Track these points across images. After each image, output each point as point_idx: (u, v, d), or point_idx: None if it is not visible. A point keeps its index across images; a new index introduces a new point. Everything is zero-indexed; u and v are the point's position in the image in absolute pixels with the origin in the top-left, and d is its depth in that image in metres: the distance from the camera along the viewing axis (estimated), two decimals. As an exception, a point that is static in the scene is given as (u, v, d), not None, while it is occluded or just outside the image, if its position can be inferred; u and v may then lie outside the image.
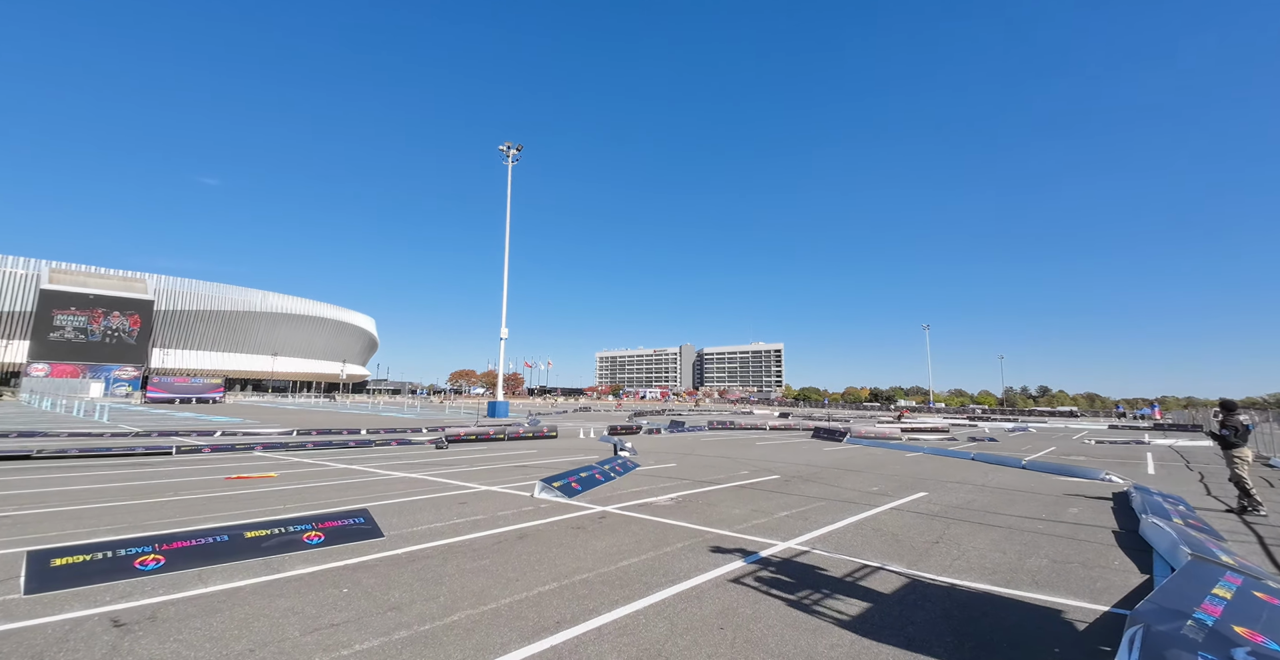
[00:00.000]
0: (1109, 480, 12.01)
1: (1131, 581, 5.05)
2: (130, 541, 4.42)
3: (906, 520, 7.32)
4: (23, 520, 6.12)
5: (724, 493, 9.10)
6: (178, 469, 10.65)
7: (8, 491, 7.90)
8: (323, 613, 3.66)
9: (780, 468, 12.71)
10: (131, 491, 8.11)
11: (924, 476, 11.86)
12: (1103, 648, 3.59)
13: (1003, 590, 4.65)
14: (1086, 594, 4.65)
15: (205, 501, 7.47)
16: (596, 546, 5.59)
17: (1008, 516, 7.80)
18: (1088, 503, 9.25)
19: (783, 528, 6.63)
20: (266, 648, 3.12)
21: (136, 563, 4.19)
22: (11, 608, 3.61)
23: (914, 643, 3.53)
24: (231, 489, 8.53)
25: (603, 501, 8.01)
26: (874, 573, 4.99)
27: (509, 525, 6.42)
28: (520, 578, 4.53)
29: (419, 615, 3.67)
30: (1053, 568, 5.38)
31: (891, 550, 5.77)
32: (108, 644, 3.10)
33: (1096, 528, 7.29)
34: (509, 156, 41.75)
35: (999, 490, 10.26)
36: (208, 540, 4.66)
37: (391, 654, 3.11)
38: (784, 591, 4.39)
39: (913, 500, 8.86)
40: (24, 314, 76.34)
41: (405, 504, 7.52)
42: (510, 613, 3.78)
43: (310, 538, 5.14)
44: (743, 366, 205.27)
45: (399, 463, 12.14)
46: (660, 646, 3.34)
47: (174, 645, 3.11)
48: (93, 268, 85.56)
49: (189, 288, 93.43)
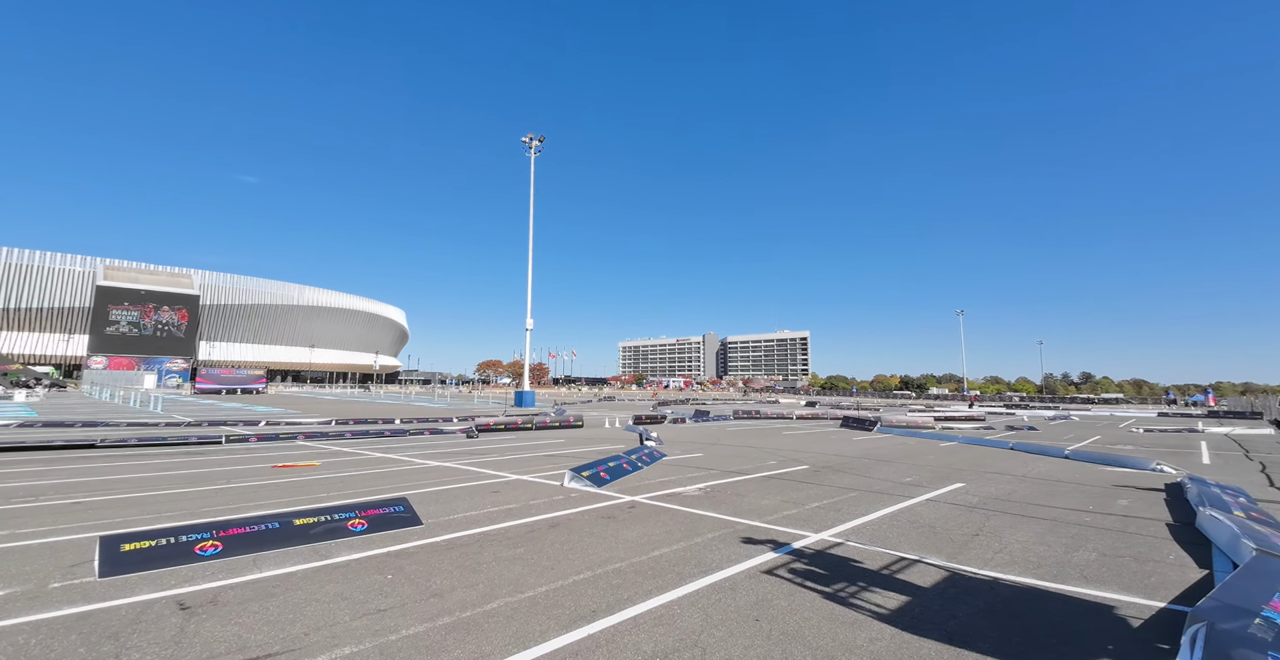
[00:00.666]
0: (1160, 470, 11.46)
1: (1189, 576, 4.82)
2: (191, 528, 4.68)
3: (943, 512, 7.15)
4: (92, 506, 6.55)
5: (752, 483, 9.06)
6: (228, 457, 11.21)
7: (78, 479, 8.46)
8: (370, 598, 3.81)
9: (809, 458, 12.57)
10: (187, 480, 8.58)
11: (960, 466, 11.55)
12: (1160, 646, 3.44)
13: (1049, 585, 4.50)
14: (1140, 589, 4.46)
15: (255, 489, 7.84)
16: (627, 536, 5.64)
17: (1052, 508, 7.53)
18: (1138, 494, 8.86)
19: (814, 519, 6.56)
20: (320, 631, 3.27)
21: (197, 548, 4.44)
22: (89, 590, 3.87)
23: (957, 637, 3.45)
24: (278, 477, 8.94)
25: (631, 491, 8.08)
26: (912, 566, 4.90)
27: (541, 514, 6.53)
28: (555, 566, 4.61)
29: (460, 602, 3.78)
30: (1102, 562, 5.17)
31: (929, 543, 5.65)
32: (176, 626, 3.30)
33: (1148, 520, 6.97)
34: (531, 148, 41.84)
35: (1041, 481, 9.92)
36: (261, 527, 4.89)
37: (437, 639, 3.21)
38: (819, 584, 4.35)
39: (949, 491, 8.65)
40: (83, 309, 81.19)
41: (441, 492, 7.73)
42: (547, 601, 3.85)
43: (354, 525, 5.34)
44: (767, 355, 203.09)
45: (432, 452, 12.49)
46: (696, 637, 3.35)
47: (235, 628, 3.29)
48: (143, 264, 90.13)
49: (231, 283, 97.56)
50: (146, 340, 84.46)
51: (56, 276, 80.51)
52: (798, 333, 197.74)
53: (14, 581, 4.02)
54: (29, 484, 7.97)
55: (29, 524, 5.68)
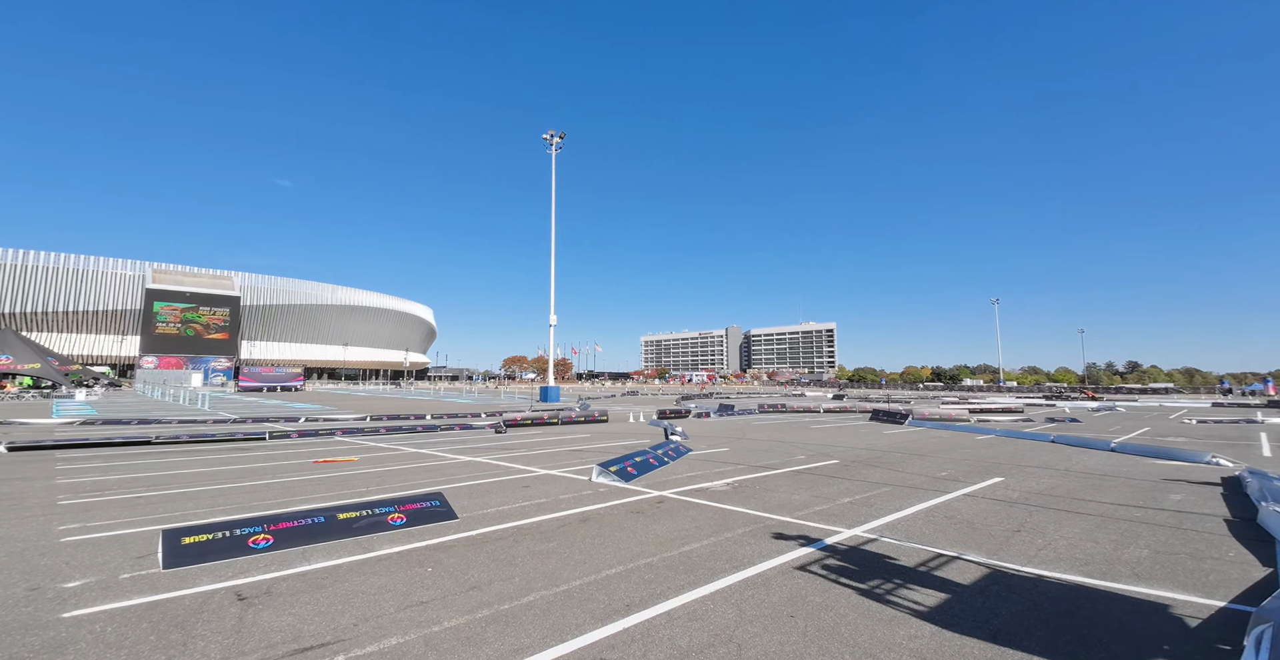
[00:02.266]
0: (1216, 463, 10.89)
1: (1252, 575, 4.58)
2: (244, 522, 4.93)
3: (982, 507, 6.96)
4: (152, 501, 6.96)
5: (781, 478, 8.99)
6: (272, 453, 11.72)
7: (137, 475, 8.98)
8: (412, 590, 3.94)
9: (838, 452, 12.39)
10: (237, 475, 9.01)
11: (998, 460, 11.21)
12: (1222, 647, 3.29)
13: (1099, 582, 4.34)
14: (1198, 588, 4.26)
15: (300, 484, 8.19)
16: (657, 531, 5.68)
17: (1098, 503, 7.25)
18: (1192, 488, 8.44)
19: (847, 514, 6.48)
20: (368, 622, 3.41)
21: (250, 541, 4.67)
22: (155, 581, 4.12)
23: (1001, 636, 3.36)
24: (320, 472, 9.30)
25: (659, 486, 8.12)
26: (950, 562, 4.79)
27: (571, 508, 6.63)
28: (587, 560, 4.68)
29: (498, 595, 3.88)
30: (1155, 559, 4.96)
31: (968, 539, 5.51)
32: (235, 616, 3.49)
33: (1204, 516, 6.64)
34: (552, 145, 42.02)
35: (1085, 475, 9.55)
36: (308, 521, 5.11)
37: (478, 631, 3.31)
38: (854, 580, 4.30)
39: (987, 486, 8.41)
40: (134, 312, 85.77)
41: (474, 487, 7.92)
42: (581, 595, 3.92)
43: (394, 519, 5.53)
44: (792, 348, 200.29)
45: (463, 447, 12.80)
46: (731, 632, 3.36)
47: (290, 618, 3.46)
48: (188, 267, 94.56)
49: (269, 284, 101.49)
50: (192, 341, 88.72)
51: (109, 280, 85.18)
52: (824, 324, 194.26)
53: (90, 572, 4.31)
54: (95, 479, 8.50)
55: (98, 517, 6.07)
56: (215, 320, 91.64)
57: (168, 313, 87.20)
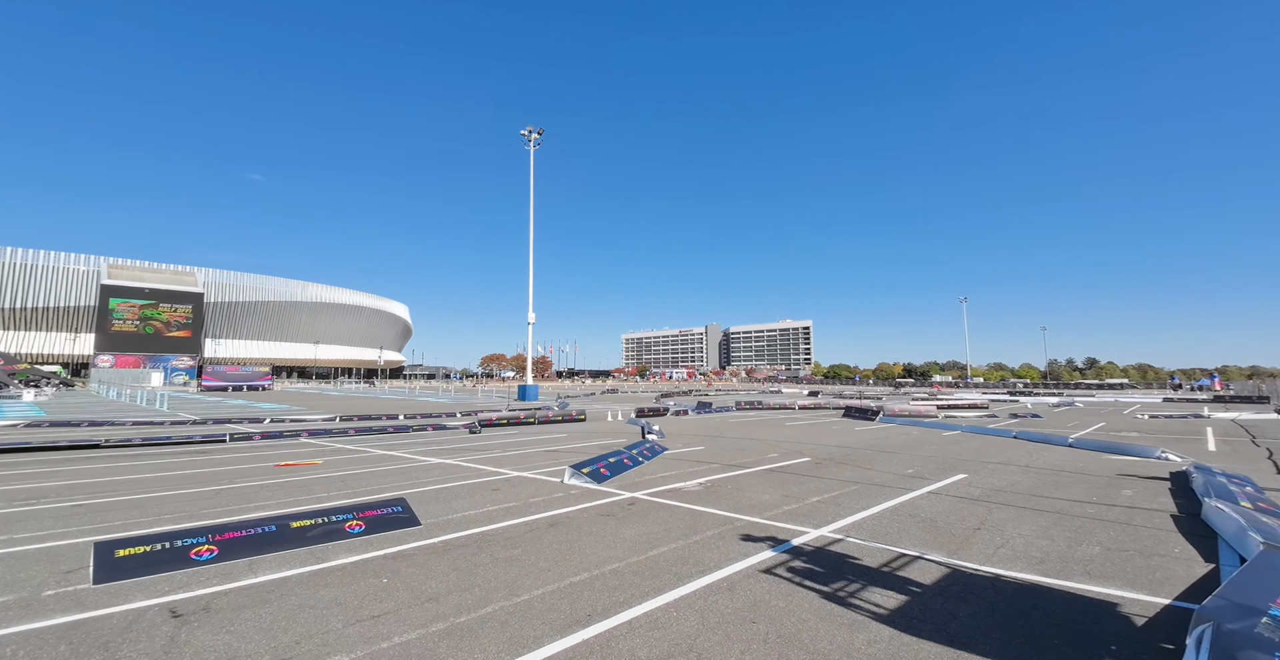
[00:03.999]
0: (1165, 458, 11.37)
1: (1195, 571, 4.76)
2: (186, 532, 4.67)
3: (945, 505, 7.10)
4: (93, 509, 6.57)
5: (753, 477, 9.03)
6: (231, 457, 11.25)
7: (80, 480, 8.50)
8: (364, 603, 3.78)
9: (811, 449, 12.53)
10: (190, 480, 8.60)
11: (963, 457, 11.49)
12: (1165, 646, 3.38)
13: (1052, 581, 4.44)
14: (1145, 585, 4.40)
15: (256, 490, 7.86)
16: (626, 535, 5.61)
17: (1055, 500, 7.47)
18: (1142, 484, 8.78)
19: (815, 514, 6.52)
20: (312, 639, 3.24)
21: (192, 553, 4.42)
22: (82, 598, 3.86)
23: (958, 639, 3.40)
24: (280, 476, 8.96)
25: (631, 487, 8.06)
26: (912, 562, 4.85)
27: (540, 512, 6.51)
28: (552, 568, 4.58)
29: (455, 607, 3.76)
30: (1106, 556, 5.11)
31: (930, 538, 5.60)
32: (167, 635, 3.28)
33: (1153, 512, 6.90)
34: (530, 141, 41.47)
35: (1045, 471, 9.85)
36: (257, 530, 4.88)
37: (429, 647, 3.18)
38: (818, 583, 4.31)
39: (951, 483, 8.59)
40: (88, 308, 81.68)
41: (441, 491, 7.73)
42: (543, 604, 3.82)
43: (352, 527, 5.33)
44: (770, 345, 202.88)
45: (434, 448, 12.51)
46: (692, 641, 3.31)
47: (227, 637, 3.27)
48: (147, 262, 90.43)
49: (235, 280, 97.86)
50: (152, 339, 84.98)
51: (61, 276, 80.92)
52: (800, 322, 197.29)
53: (9, 589, 4.01)
54: (33, 486, 8.01)
55: (29, 528, 5.70)
56: (177, 317, 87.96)
57: (125, 310, 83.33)
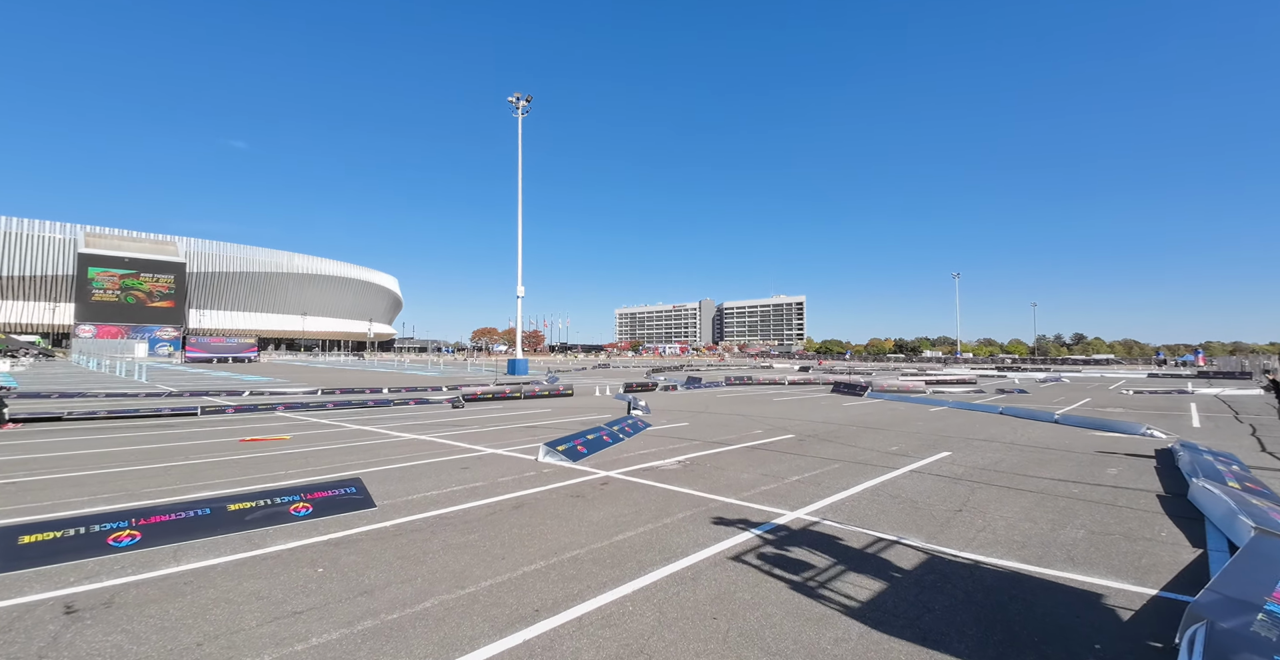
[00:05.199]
0: (1150, 435, 11.29)
1: (1183, 557, 4.55)
2: (107, 516, 4.30)
3: (927, 485, 6.89)
4: (25, 487, 6.19)
5: (734, 454, 8.79)
6: (198, 431, 10.87)
7: (27, 455, 8.10)
8: (289, 597, 3.46)
9: (796, 426, 12.34)
10: (144, 455, 8.23)
11: (948, 433, 11.35)
12: (1153, 644, 3.14)
13: (1034, 569, 4.21)
14: (1131, 573, 4.18)
15: (212, 466, 7.50)
16: (593, 517, 5.33)
17: (1039, 479, 7.29)
18: (1128, 462, 8.65)
19: (793, 495, 6.28)
20: (216, 641, 2.92)
21: (111, 539, 4.07)
22: (-25, 590, 3.51)
23: (930, 637, 3.14)
24: (242, 452, 8.60)
25: (607, 466, 7.78)
26: (889, 547, 4.60)
27: (507, 493, 6.22)
28: (507, 555, 4.29)
29: (390, 601, 3.44)
30: (1090, 541, 4.90)
31: (909, 521, 5.37)
32: (50, 634, 2.94)
33: (1139, 492, 6.73)
34: (519, 108, 39.72)
35: (1030, 448, 9.71)
36: (189, 514, 4.53)
37: (347, 650, 2.86)
38: (788, 572, 4.04)
39: (935, 461, 8.40)
40: (66, 277, 79.58)
41: (407, 469, 7.41)
42: (488, 598, 3.52)
43: (297, 509, 4.99)
44: (763, 320, 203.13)
45: (412, 423, 12.19)
46: (645, 641, 3.03)
47: (119, 637, 2.93)
48: (125, 231, 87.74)
49: (219, 250, 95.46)
50: (134, 308, 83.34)
51: (36, 244, 78.45)
52: (794, 297, 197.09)
53: (-100, 581, 3.65)
54: (-25, 463, 7.60)
55: (-47, 509, 5.32)
56: (159, 288, 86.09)
57: (104, 279, 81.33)
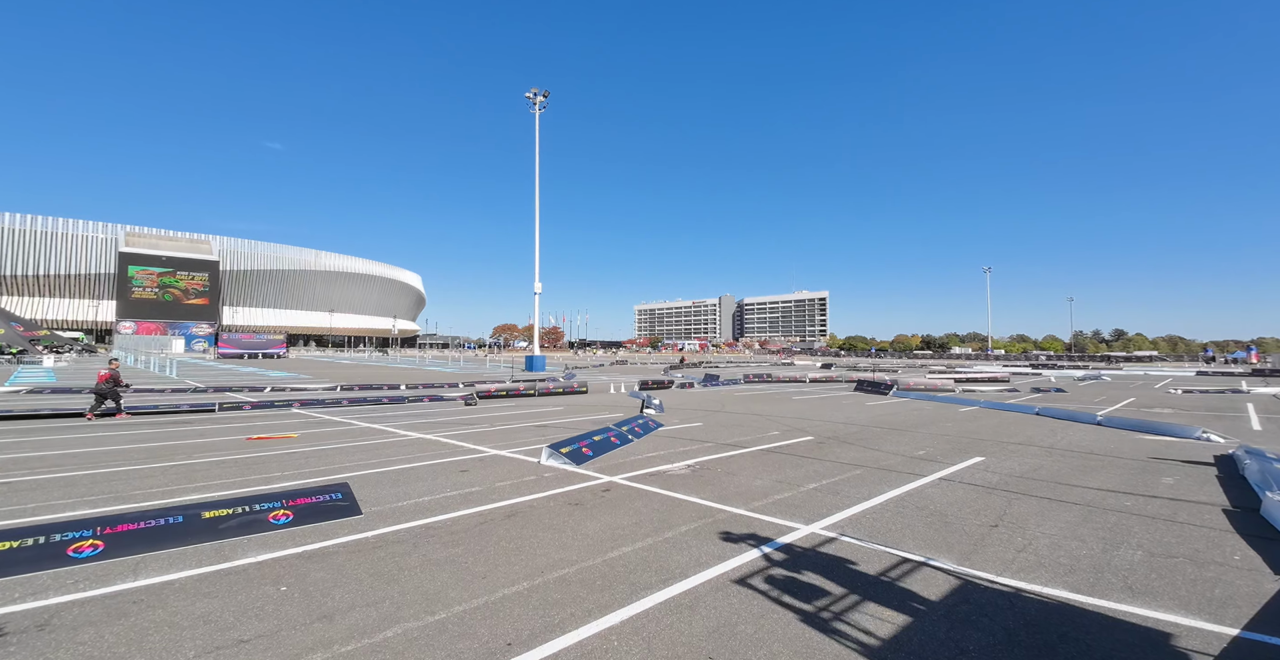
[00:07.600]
0: (1208, 439, 10.34)
1: (1265, 587, 3.92)
2: (69, 524, 4.09)
3: (958, 495, 6.29)
4: (14, 488, 6.10)
5: (748, 458, 8.30)
6: (210, 427, 10.89)
7: (35, 453, 8.13)
8: (241, 621, 3.15)
9: (815, 427, 11.75)
10: (146, 454, 8.17)
11: (980, 436, 10.61)
12: (1243, 707, 2.58)
13: (1086, 599, 3.65)
14: (1203, 606, 3.58)
15: (210, 466, 7.37)
16: (589, 529, 4.94)
17: (1084, 489, 6.61)
18: (1184, 469, 7.85)
19: (808, 505, 5.77)
20: (145, 677, 2.61)
21: (71, 549, 3.85)
22: (-80, 606, 3.30)
23: (967, 689, 2.64)
24: (246, 451, 8.49)
25: (612, 469, 7.39)
26: (916, 570, 4.09)
27: (502, 500, 5.88)
28: (489, 574, 3.92)
29: (349, 629, 3.10)
30: (1150, 564, 4.29)
31: (939, 537, 4.82)
32: (-31, 667, 2.68)
33: (1201, 505, 6.01)
34: (536, 104, 39.45)
35: (1071, 453, 8.95)
36: (159, 522, 4.30)
37: (286, 692, 2.52)
38: (799, 600, 3.58)
39: (966, 467, 7.76)
40: (107, 276, 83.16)
41: (404, 472, 7.15)
42: (458, 627, 3.15)
43: (277, 517, 4.73)
44: (784, 316, 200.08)
45: (422, 422, 12.03)
46: (625, 687, 2.61)
47: (42, 671, 2.65)
48: (163, 230, 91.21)
49: (250, 248, 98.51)
50: (171, 306, 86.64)
51: (79, 243, 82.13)
52: (816, 293, 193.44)
53: None
54: (-15, 460, 7.64)
55: (-58, 511, 5.23)
56: (194, 285, 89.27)
57: (144, 277, 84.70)
